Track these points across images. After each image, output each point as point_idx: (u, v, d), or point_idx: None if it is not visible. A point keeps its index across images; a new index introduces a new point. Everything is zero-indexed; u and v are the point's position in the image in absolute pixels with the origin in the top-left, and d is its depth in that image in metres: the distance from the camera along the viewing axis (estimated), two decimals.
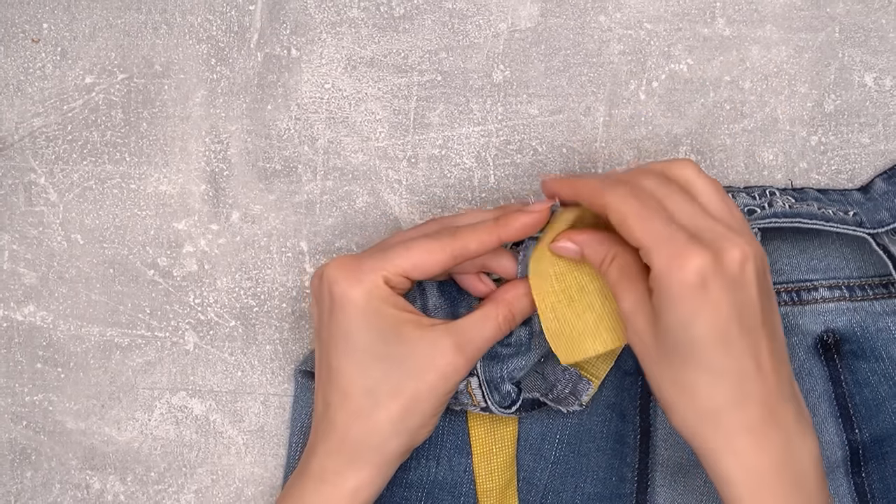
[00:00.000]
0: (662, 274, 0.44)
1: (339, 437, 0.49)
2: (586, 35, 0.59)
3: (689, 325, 0.44)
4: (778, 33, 0.58)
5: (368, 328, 0.49)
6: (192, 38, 0.58)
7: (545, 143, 0.59)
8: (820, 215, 0.54)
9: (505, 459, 0.57)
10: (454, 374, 0.49)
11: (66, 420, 0.59)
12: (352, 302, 0.48)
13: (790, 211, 0.54)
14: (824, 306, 0.58)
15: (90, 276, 0.59)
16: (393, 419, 0.49)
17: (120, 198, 0.59)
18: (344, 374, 0.49)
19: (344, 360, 0.49)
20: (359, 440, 0.49)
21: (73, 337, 0.59)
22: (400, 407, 0.49)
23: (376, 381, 0.49)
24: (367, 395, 0.49)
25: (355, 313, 0.49)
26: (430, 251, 0.49)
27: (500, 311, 0.51)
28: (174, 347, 0.59)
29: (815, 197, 0.56)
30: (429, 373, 0.49)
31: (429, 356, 0.49)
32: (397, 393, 0.49)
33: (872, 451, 0.57)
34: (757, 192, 0.56)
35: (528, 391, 0.55)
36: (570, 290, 0.51)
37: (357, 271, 0.49)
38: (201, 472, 0.59)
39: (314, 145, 0.59)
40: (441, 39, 0.58)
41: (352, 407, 0.49)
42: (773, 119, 0.59)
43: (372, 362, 0.49)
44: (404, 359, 0.49)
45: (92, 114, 0.58)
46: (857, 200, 0.56)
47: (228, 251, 0.59)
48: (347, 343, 0.49)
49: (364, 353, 0.49)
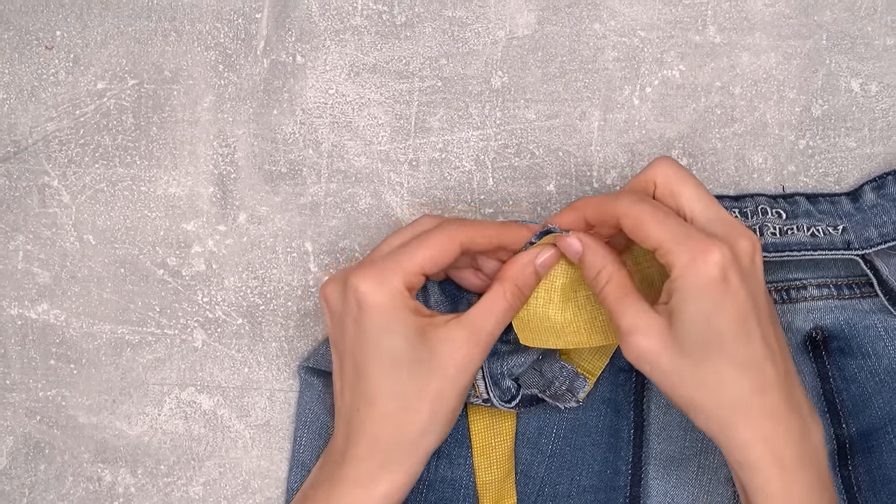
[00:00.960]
0: (687, 270, 0.44)
1: (369, 443, 0.49)
2: (582, 42, 0.58)
3: (713, 318, 0.44)
4: (767, 40, 0.59)
5: (395, 333, 0.48)
6: (201, 45, 0.58)
7: (542, 147, 0.59)
8: (809, 244, 0.54)
9: (503, 453, 0.57)
10: (471, 364, 0.49)
11: (79, 415, 0.58)
12: (377, 308, 0.48)
13: (780, 242, 0.54)
14: (813, 304, 0.58)
15: (102, 275, 0.58)
16: (423, 420, 0.49)
17: (131, 200, 0.58)
18: (372, 379, 0.49)
19: (372, 366, 0.49)
20: (390, 444, 0.49)
21: (85, 334, 0.58)
22: (428, 407, 0.49)
23: (403, 384, 0.49)
24: (396, 399, 0.49)
25: (383, 319, 0.48)
26: (442, 244, 0.50)
27: (506, 287, 0.50)
28: (183, 344, 0.59)
29: (805, 211, 0.56)
30: (449, 368, 0.49)
31: (448, 352, 0.49)
32: (424, 394, 0.49)
33: (859, 445, 0.57)
34: (749, 209, 0.56)
35: (526, 388, 0.54)
36: (553, 291, 0.52)
37: (381, 277, 0.49)
38: (209, 465, 0.59)
39: (318, 149, 0.58)
40: (441, 46, 0.58)
41: (381, 412, 0.49)
42: (762, 123, 0.59)
43: (399, 367, 0.49)
44: (428, 360, 0.49)
45: (104, 118, 0.58)
46: (846, 212, 0.56)
47: (235, 251, 0.59)
48: (373, 348, 0.49)
49: (391, 357, 0.49)
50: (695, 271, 0.44)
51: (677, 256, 0.45)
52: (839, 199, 0.57)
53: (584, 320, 0.52)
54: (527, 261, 0.51)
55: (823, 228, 0.55)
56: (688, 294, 0.45)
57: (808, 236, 0.55)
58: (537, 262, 0.51)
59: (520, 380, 0.54)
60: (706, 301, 0.44)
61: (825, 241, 0.55)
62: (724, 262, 0.44)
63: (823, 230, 0.55)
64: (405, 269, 0.49)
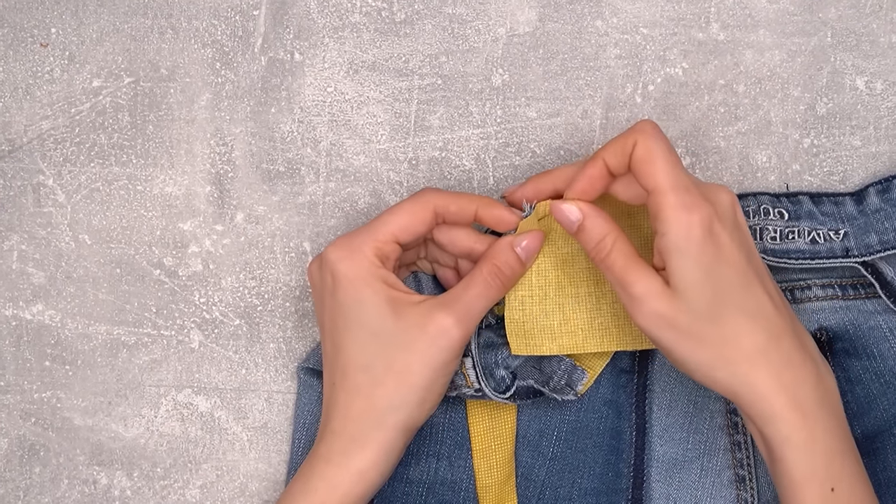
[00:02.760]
0: (681, 224, 0.45)
1: (341, 417, 0.49)
2: (583, 39, 0.58)
3: (713, 274, 0.45)
4: (771, 38, 0.58)
5: (366, 304, 0.49)
6: (198, 43, 0.58)
7: (543, 146, 0.59)
8: (808, 252, 0.55)
9: (504, 456, 0.57)
10: (443, 338, 0.49)
11: (74, 417, 0.58)
12: (348, 278, 0.49)
13: (779, 248, 0.55)
14: (817, 305, 0.58)
15: (97, 275, 0.58)
16: (389, 394, 0.49)
17: (126, 199, 0.58)
18: (344, 352, 0.50)
19: (345, 338, 0.50)
20: (360, 418, 0.49)
21: (80, 335, 0.58)
22: (394, 381, 0.49)
23: (373, 356, 0.49)
24: (365, 372, 0.49)
25: (353, 289, 0.49)
26: (414, 210, 0.50)
27: (484, 266, 0.50)
28: (180, 346, 0.59)
29: (807, 212, 0.56)
30: (419, 341, 0.49)
31: (418, 325, 0.49)
32: (391, 367, 0.49)
33: (864, 447, 0.56)
34: (751, 209, 0.56)
35: (522, 379, 0.54)
36: (548, 287, 0.52)
37: (350, 247, 0.50)
38: (206, 467, 0.59)
39: (317, 147, 0.58)
40: (441, 44, 0.58)
41: (351, 385, 0.49)
42: (766, 122, 0.59)
43: (368, 338, 0.49)
44: (397, 333, 0.49)
45: (99, 117, 0.58)
46: (849, 214, 0.56)
47: (233, 251, 0.59)
48: (347, 319, 0.49)
49: (361, 328, 0.49)
50: (687, 225, 0.45)
51: (671, 206, 0.45)
52: (843, 199, 0.57)
53: (583, 321, 0.52)
54: (505, 243, 0.51)
55: (825, 233, 0.55)
56: (683, 254, 0.45)
57: (808, 242, 0.55)
58: (517, 245, 0.51)
59: (517, 372, 0.54)
60: (703, 257, 0.45)
61: (824, 249, 0.55)
62: (711, 218, 0.45)
63: (824, 235, 0.55)
64: (375, 237, 0.49)
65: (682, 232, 0.45)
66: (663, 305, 0.46)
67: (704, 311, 0.46)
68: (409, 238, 0.50)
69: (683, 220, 0.45)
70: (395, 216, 0.50)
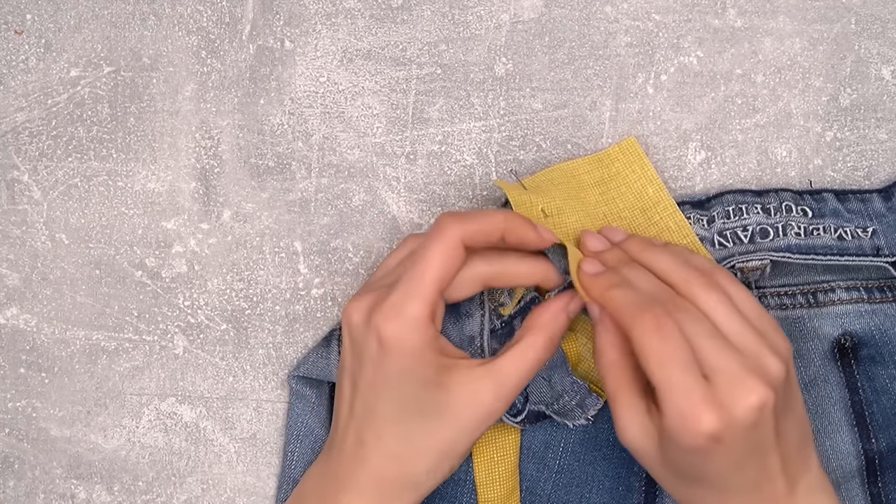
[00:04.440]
0: (673, 429, 0.45)
1: (372, 478, 0.50)
2: (592, 26, 0.58)
3: (700, 467, 0.46)
4: (791, 24, 0.58)
5: (414, 379, 0.48)
6: (182, 30, 0.58)
7: (549, 139, 0.58)
8: (836, 248, 0.55)
9: (507, 468, 0.56)
10: (490, 416, 0.49)
11: (51, 427, 0.58)
12: (400, 351, 0.48)
13: (804, 244, 0.55)
14: (841, 308, 0.57)
15: (75, 277, 0.58)
16: (430, 465, 0.49)
17: (106, 196, 0.58)
18: (381, 417, 0.49)
19: (384, 404, 0.49)
20: (394, 482, 0.49)
21: (57, 340, 0.58)
22: (437, 453, 0.49)
23: (415, 428, 0.49)
24: (405, 441, 0.49)
25: (405, 364, 0.48)
26: (445, 252, 0.48)
27: (540, 339, 0.50)
28: (163, 352, 0.59)
29: (832, 210, 0.56)
30: (467, 420, 0.49)
31: (468, 402, 0.48)
32: (434, 440, 0.49)
33: (890, 460, 0.56)
34: (772, 206, 0.55)
35: (533, 403, 0.54)
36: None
37: (403, 316, 0.47)
38: (191, 481, 0.59)
39: (309, 141, 0.58)
40: (441, 31, 0.58)
41: (387, 451, 0.49)
42: (786, 114, 0.58)
43: (412, 410, 0.49)
44: (444, 408, 0.49)
45: (77, 108, 0.58)
46: (877, 212, 0.56)
47: (219, 251, 0.58)
48: (391, 391, 0.49)
49: (405, 401, 0.49)
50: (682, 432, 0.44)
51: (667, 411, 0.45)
52: (870, 196, 0.57)
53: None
54: (559, 308, 0.51)
55: (852, 230, 0.55)
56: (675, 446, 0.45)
57: (836, 239, 0.55)
58: (569, 310, 0.51)
59: (529, 392, 0.54)
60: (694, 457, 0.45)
61: (853, 246, 0.55)
62: (716, 430, 0.44)
63: (852, 232, 0.55)
64: (422, 295, 0.47)
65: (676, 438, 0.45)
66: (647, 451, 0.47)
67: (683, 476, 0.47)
68: (450, 281, 0.49)
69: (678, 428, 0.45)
70: (430, 264, 0.48)
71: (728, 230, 0.55)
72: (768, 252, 0.54)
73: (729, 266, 0.54)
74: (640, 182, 0.55)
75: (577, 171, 0.55)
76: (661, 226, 0.54)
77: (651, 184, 0.55)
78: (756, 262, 0.54)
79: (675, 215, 0.54)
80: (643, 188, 0.55)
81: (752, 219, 0.55)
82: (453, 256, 0.48)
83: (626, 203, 0.55)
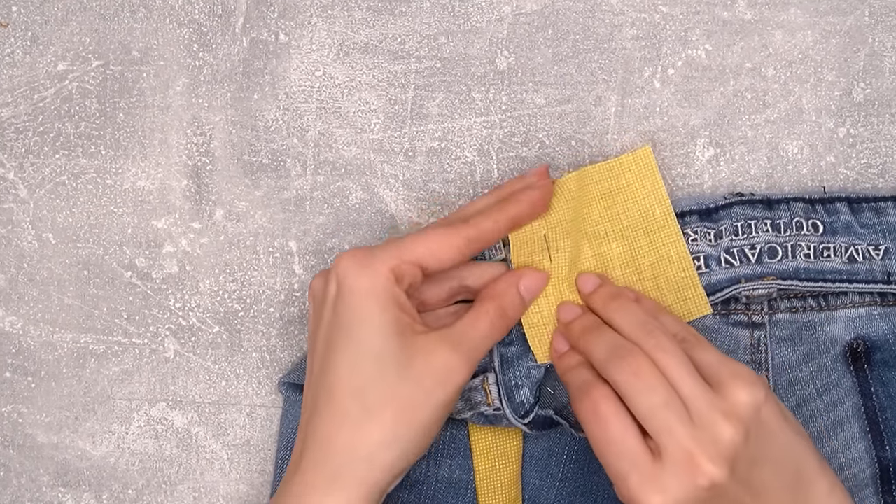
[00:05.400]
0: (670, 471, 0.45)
1: (322, 448, 0.47)
2: (597, 19, 0.58)
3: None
4: (803, 17, 0.58)
5: (370, 322, 0.48)
6: (173, 22, 0.58)
7: (552, 136, 0.58)
8: (845, 273, 0.55)
9: (509, 477, 0.56)
10: (451, 376, 0.48)
11: (37, 433, 0.58)
12: (356, 290, 0.48)
13: (813, 268, 0.55)
14: (854, 311, 0.57)
15: (63, 278, 0.58)
16: (385, 429, 0.47)
17: (95, 194, 0.58)
18: (334, 371, 0.48)
19: (338, 356, 0.48)
20: (345, 450, 0.47)
21: (44, 344, 0.58)
22: (392, 414, 0.47)
23: (368, 381, 0.47)
24: (356, 397, 0.47)
25: (358, 303, 0.48)
26: (445, 236, 0.49)
27: (490, 306, 0.51)
28: (153, 355, 0.58)
29: (844, 225, 0.55)
30: (425, 377, 0.48)
31: (425, 361, 0.48)
32: (391, 398, 0.47)
33: None
34: (783, 221, 0.55)
35: (542, 407, 0.54)
36: (561, 285, 0.53)
37: (365, 259, 0.48)
38: (182, 489, 0.58)
39: (304, 137, 0.58)
40: (440, 23, 0.58)
41: (338, 410, 0.47)
42: (797, 109, 0.58)
43: (366, 360, 0.47)
44: (401, 361, 0.47)
45: (65, 104, 0.58)
46: (891, 226, 0.56)
47: (212, 251, 0.58)
48: (344, 336, 0.48)
49: (359, 347, 0.48)
50: (679, 478, 0.45)
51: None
52: (886, 206, 0.56)
53: None
54: (510, 282, 0.52)
55: (863, 249, 0.55)
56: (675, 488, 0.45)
57: (846, 261, 0.55)
58: (521, 287, 0.52)
59: (539, 397, 0.55)
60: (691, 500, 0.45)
61: (863, 270, 0.55)
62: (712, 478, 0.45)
63: (863, 251, 0.55)
64: (397, 256, 0.48)
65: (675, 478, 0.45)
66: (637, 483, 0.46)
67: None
68: (436, 265, 0.50)
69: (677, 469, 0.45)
70: (425, 238, 0.49)
71: (735, 248, 0.55)
72: (775, 279, 0.54)
73: (734, 294, 0.54)
74: (648, 200, 0.54)
75: (586, 180, 0.54)
76: (662, 253, 0.54)
77: (660, 204, 0.54)
78: (762, 291, 0.54)
79: (677, 245, 0.54)
80: (651, 208, 0.54)
81: (760, 237, 0.55)
82: (450, 245, 0.50)
83: (631, 221, 0.54)
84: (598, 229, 0.54)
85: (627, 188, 0.54)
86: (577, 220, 0.54)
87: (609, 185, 0.54)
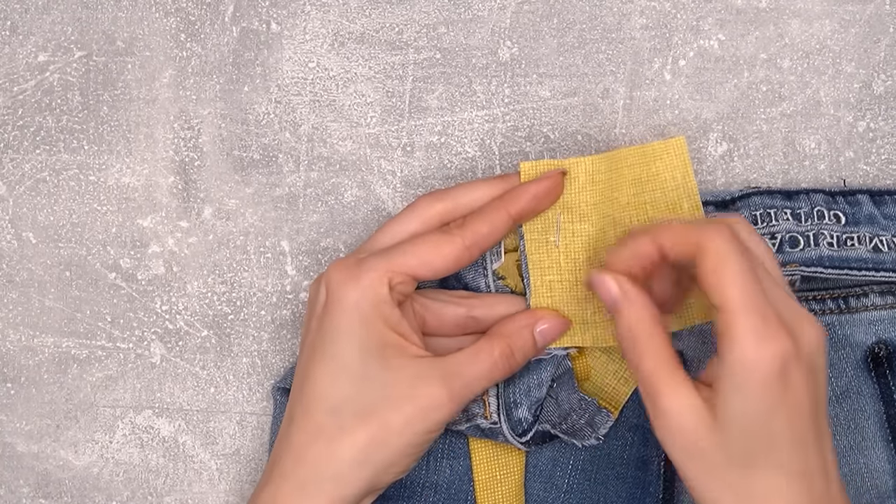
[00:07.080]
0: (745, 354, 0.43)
1: (293, 459, 0.48)
2: (604, 7, 0.58)
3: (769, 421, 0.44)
4: (821, 5, 0.58)
5: (350, 338, 0.48)
6: (159, 11, 0.58)
7: (558, 130, 0.58)
8: (870, 262, 0.54)
9: (511, 488, 0.55)
10: (435, 410, 0.48)
11: (17, 442, 0.58)
12: (344, 303, 0.48)
13: (837, 256, 0.54)
14: (875, 314, 0.56)
15: (44, 279, 0.58)
16: (357, 447, 0.47)
17: (77, 191, 0.58)
18: (312, 385, 0.48)
19: (318, 369, 0.48)
20: (315, 464, 0.47)
21: (24, 348, 0.58)
22: (367, 435, 0.47)
23: (345, 399, 0.47)
24: (332, 414, 0.47)
25: (343, 318, 0.48)
26: (440, 244, 0.49)
27: (497, 345, 0.50)
28: (138, 360, 0.58)
29: (867, 216, 0.55)
30: (406, 404, 0.47)
31: (409, 386, 0.47)
32: (366, 418, 0.47)
33: None
34: (803, 211, 0.54)
35: (541, 423, 0.54)
36: (579, 270, 0.52)
37: (356, 270, 0.48)
38: (169, 500, 0.58)
39: (297, 132, 0.58)
40: (440, 12, 0.58)
41: (312, 425, 0.48)
42: (815, 102, 0.58)
43: (344, 377, 0.48)
44: (382, 383, 0.47)
45: (46, 96, 0.58)
46: None
47: (200, 251, 0.58)
48: (326, 349, 0.48)
49: (340, 364, 0.48)
50: (754, 359, 0.43)
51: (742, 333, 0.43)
52: None
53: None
54: (525, 323, 0.51)
55: (888, 240, 0.54)
56: (742, 391, 0.44)
57: (870, 250, 0.54)
58: (536, 330, 0.51)
59: (538, 414, 0.54)
60: (764, 400, 0.44)
61: (889, 259, 0.54)
62: (788, 355, 0.44)
63: (888, 242, 0.54)
64: (387, 267, 0.48)
65: (749, 366, 0.43)
66: (698, 433, 0.45)
67: (742, 455, 0.44)
68: (430, 275, 0.49)
69: (752, 352, 0.43)
70: (418, 247, 0.49)
71: None
72: (799, 266, 0.53)
73: None
74: (677, 192, 0.53)
75: (620, 162, 0.54)
76: None
77: (689, 198, 0.53)
78: (786, 278, 0.53)
79: None
80: (679, 201, 0.53)
81: (781, 225, 0.54)
82: (448, 255, 0.49)
83: (657, 212, 0.53)
84: (623, 217, 0.53)
85: (657, 177, 0.53)
86: (604, 203, 0.53)
87: (639, 172, 0.53)
